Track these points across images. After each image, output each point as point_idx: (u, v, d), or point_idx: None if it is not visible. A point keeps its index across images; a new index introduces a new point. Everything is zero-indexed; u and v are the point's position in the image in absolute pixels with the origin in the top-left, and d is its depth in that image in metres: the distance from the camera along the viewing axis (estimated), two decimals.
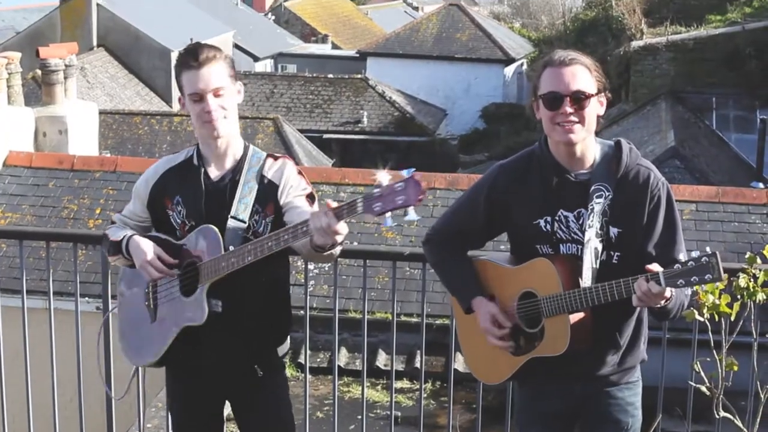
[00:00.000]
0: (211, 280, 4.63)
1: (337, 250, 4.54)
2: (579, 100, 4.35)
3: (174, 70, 4.82)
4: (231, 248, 4.61)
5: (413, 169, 4.15)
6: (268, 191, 4.77)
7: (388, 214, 4.13)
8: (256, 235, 4.69)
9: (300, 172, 4.86)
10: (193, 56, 4.65)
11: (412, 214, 4.11)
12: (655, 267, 4.14)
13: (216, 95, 4.65)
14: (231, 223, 4.69)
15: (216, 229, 4.65)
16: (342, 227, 4.28)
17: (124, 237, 4.84)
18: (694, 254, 4.05)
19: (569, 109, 4.34)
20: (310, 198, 4.80)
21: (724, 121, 26.08)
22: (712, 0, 30.77)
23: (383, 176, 4.13)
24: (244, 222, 4.71)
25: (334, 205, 4.24)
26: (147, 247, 4.75)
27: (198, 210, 4.77)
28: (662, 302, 4.21)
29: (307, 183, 4.84)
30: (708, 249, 4.05)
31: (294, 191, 4.78)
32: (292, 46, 51.65)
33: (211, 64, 4.65)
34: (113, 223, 5.02)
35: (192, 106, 4.69)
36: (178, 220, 4.82)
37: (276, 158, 4.87)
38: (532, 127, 36.48)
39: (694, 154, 21.75)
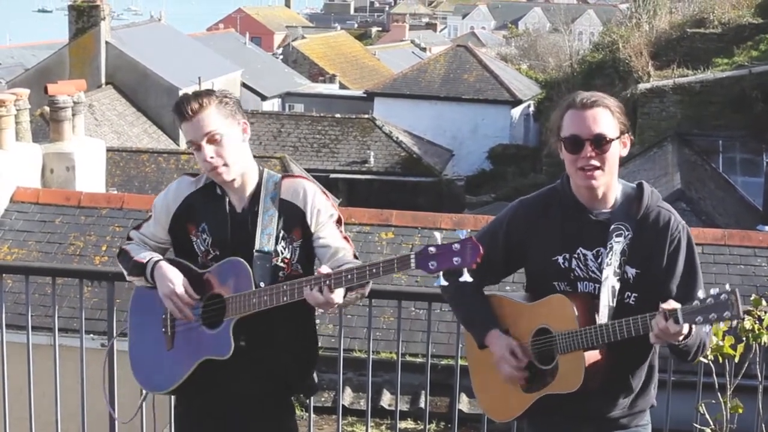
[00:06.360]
0: (240, 316, 4.60)
1: (352, 296, 4.63)
2: (600, 143, 4.34)
3: None
4: (261, 284, 4.59)
5: (468, 231, 4.21)
6: (292, 215, 4.75)
7: (441, 273, 4.17)
8: (285, 261, 4.70)
9: (324, 192, 4.84)
10: (180, 110, 4.66)
11: (466, 276, 4.15)
12: (672, 304, 4.13)
13: (210, 141, 4.64)
14: (258, 256, 4.66)
15: (247, 265, 4.61)
16: (336, 296, 4.39)
17: (150, 260, 4.80)
18: (713, 291, 4.03)
19: (590, 153, 4.33)
20: (339, 223, 4.80)
21: (731, 163, 26.08)
22: (719, 43, 30.82)
23: (438, 235, 4.21)
24: (270, 254, 4.68)
25: (326, 271, 4.37)
26: (175, 279, 4.71)
27: (224, 240, 4.75)
28: (680, 339, 4.18)
29: (332, 205, 4.83)
30: (727, 286, 4.02)
31: (323, 217, 4.76)
32: (300, 85, 51.85)
33: (199, 114, 4.63)
34: (130, 239, 4.98)
35: (195, 155, 4.72)
36: (201, 248, 4.79)
37: (293, 177, 4.85)
38: (539, 169, 36.57)
39: (700, 196, 21.74)
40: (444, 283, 4.20)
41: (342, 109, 42.23)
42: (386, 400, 10.15)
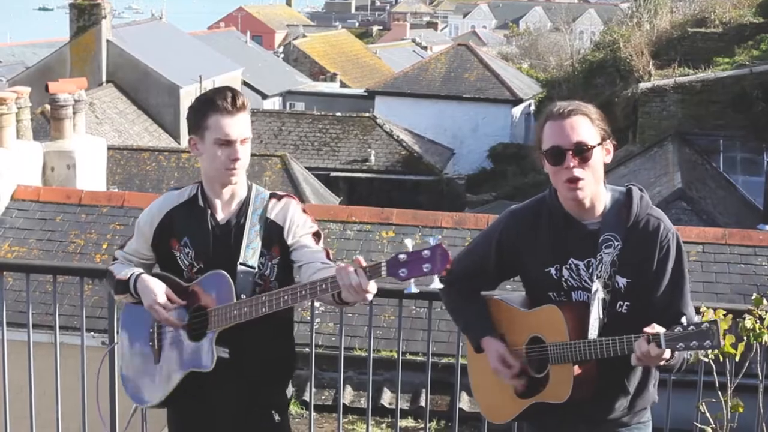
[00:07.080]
0: (221, 328, 4.59)
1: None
2: (581, 152, 4.31)
3: (195, 107, 4.69)
4: (243, 296, 4.58)
5: (439, 237, 4.18)
6: (272, 233, 4.74)
7: (412, 280, 4.15)
8: (263, 278, 4.69)
9: (304, 210, 4.83)
10: (230, 101, 4.58)
11: (437, 283, 4.13)
12: (655, 328, 4.14)
13: (242, 143, 4.62)
14: (241, 269, 4.65)
15: (229, 277, 4.60)
16: (372, 287, 4.26)
17: (132, 275, 4.79)
18: (696, 319, 4.08)
19: (572, 163, 4.31)
20: (317, 236, 4.77)
21: (731, 163, 26.10)
22: (719, 43, 30.85)
23: (409, 242, 4.16)
24: (254, 268, 4.67)
25: (365, 263, 4.23)
26: (157, 288, 4.70)
27: (206, 252, 4.73)
28: (662, 363, 4.21)
29: (312, 221, 4.81)
30: (711, 315, 4.06)
31: (300, 230, 4.75)
32: (301, 84, 51.86)
33: (244, 112, 4.61)
34: (115, 259, 4.98)
35: (214, 149, 4.62)
36: (185, 262, 4.78)
37: (279, 198, 4.83)
38: (539, 168, 36.54)
39: (700, 195, 21.75)
40: (415, 290, 4.18)
41: (343, 107, 42.22)
42: (387, 398, 10.15)
